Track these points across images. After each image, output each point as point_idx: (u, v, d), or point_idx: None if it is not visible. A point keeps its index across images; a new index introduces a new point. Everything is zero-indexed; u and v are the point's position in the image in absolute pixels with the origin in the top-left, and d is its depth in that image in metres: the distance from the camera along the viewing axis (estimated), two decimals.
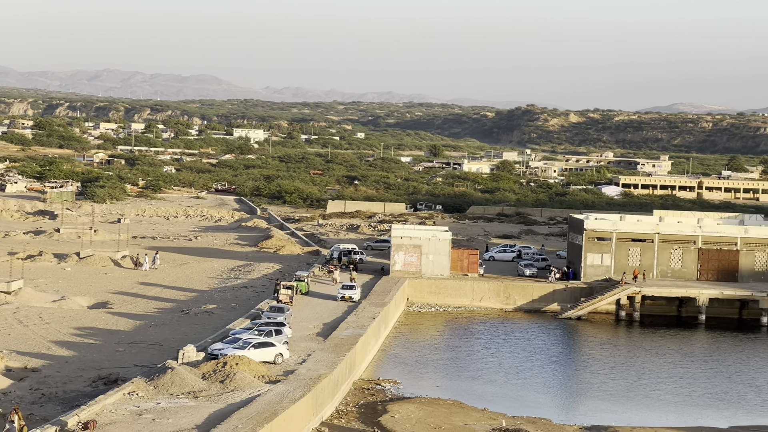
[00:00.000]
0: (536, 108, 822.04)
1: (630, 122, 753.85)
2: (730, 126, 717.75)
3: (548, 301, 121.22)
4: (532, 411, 74.85)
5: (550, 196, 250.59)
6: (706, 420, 75.51)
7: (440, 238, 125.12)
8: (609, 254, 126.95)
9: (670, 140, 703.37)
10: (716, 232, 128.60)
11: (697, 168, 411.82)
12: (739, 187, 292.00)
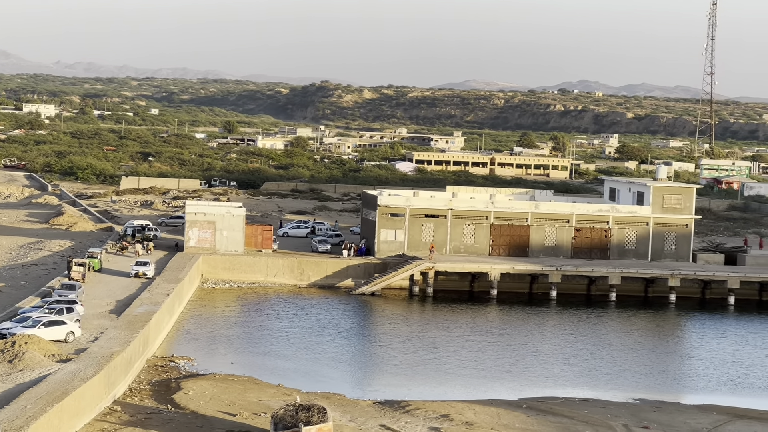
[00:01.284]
0: (330, 84, 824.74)
1: (423, 99, 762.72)
2: (521, 103, 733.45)
3: (342, 277, 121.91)
4: (327, 386, 75.24)
5: (344, 172, 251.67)
6: (497, 392, 77.03)
7: (234, 214, 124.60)
8: (402, 230, 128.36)
9: (463, 117, 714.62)
10: (508, 208, 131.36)
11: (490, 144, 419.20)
12: (530, 163, 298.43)
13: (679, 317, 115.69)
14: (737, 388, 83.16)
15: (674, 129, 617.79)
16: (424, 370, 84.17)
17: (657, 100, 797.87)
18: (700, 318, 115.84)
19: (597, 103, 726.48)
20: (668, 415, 69.26)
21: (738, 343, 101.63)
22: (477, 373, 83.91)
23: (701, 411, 71.62)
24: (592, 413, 68.62)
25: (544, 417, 66.75)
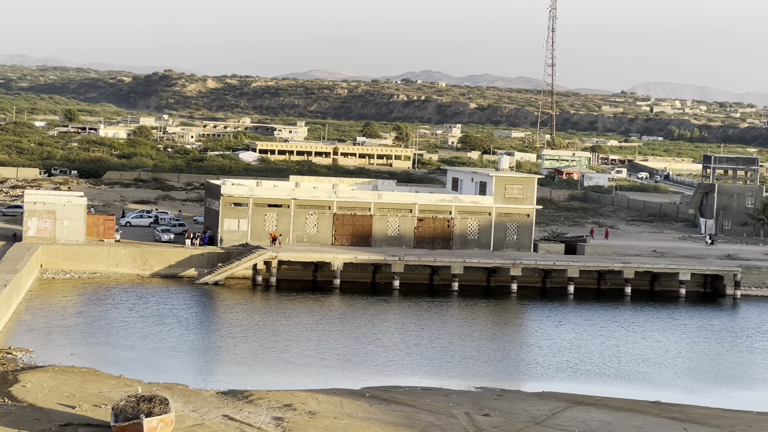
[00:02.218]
0: (174, 73, 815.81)
1: (267, 88, 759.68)
2: (364, 93, 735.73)
3: (186, 267, 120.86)
4: (169, 377, 74.49)
5: (187, 161, 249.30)
6: (341, 382, 77.18)
7: (75, 203, 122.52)
8: (246, 219, 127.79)
9: (307, 106, 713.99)
10: (351, 198, 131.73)
11: (333, 134, 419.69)
12: (373, 153, 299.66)
13: (520, 306, 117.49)
14: (575, 375, 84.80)
15: (516, 119, 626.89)
16: (267, 360, 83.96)
17: (499, 90, 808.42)
18: (541, 306, 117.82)
19: (440, 93, 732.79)
20: (509, 403, 70.27)
21: (576, 331, 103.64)
22: (320, 363, 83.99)
23: (541, 398, 72.82)
24: (435, 401, 69.23)
25: (387, 406, 67.13)
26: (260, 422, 60.60)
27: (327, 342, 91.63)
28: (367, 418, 63.66)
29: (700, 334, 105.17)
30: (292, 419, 61.70)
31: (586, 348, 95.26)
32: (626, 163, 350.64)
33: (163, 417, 55.13)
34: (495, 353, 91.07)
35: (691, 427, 64.74)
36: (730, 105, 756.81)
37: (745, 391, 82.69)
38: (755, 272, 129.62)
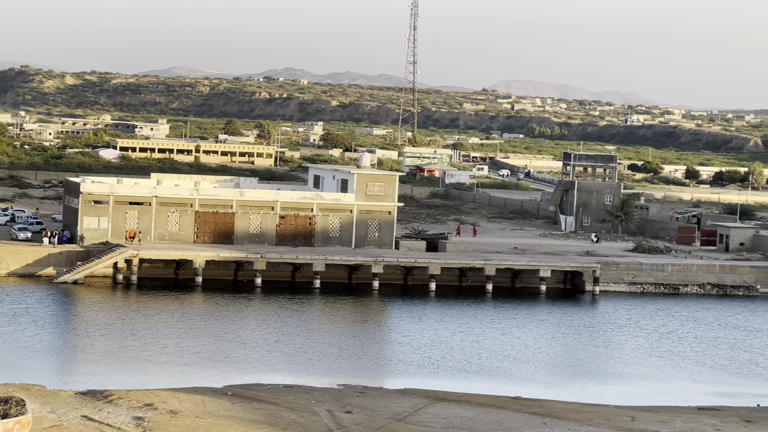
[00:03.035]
0: (31, 69, 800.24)
1: (128, 85, 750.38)
2: (226, 90, 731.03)
3: (43, 265, 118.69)
4: (25, 377, 72.94)
5: (45, 159, 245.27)
6: (202, 380, 76.53)
7: None
8: (106, 217, 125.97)
9: (168, 104, 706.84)
10: (213, 195, 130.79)
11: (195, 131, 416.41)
12: (235, 150, 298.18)
13: (381, 303, 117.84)
14: (437, 372, 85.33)
15: (378, 117, 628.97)
16: (126, 359, 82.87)
17: (361, 88, 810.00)
18: (402, 303, 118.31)
19: (302, 90, 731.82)
20: (371, 400, 70.37)
21: (437, 327, 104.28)
22: (180, 361, 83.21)
23: (403, 395, 73.06)
24: (297, 399, 69.02)
25: (249, 404, 66.72)
26: (120, 422, 59.73)
27: (187, 340, 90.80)
28: (229, 416, 63.18)
29: (560, 330, 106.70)
30: (152, 419, 60.93)
31: (447, 345, 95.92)
32: (487, 160, 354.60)
33: (19, 419, 53.96)
34: (357, 350, 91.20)
35: (551, 422, 65.56)
36: (589, 103, 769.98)
37: (603, 385, 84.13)
38: (614, 268, 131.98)
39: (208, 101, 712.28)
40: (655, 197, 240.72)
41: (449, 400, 71.34)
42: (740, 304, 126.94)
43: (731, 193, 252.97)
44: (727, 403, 78.03)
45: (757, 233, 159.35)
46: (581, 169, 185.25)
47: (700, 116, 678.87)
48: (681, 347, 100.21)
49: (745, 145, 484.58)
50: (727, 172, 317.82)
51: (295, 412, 65.05)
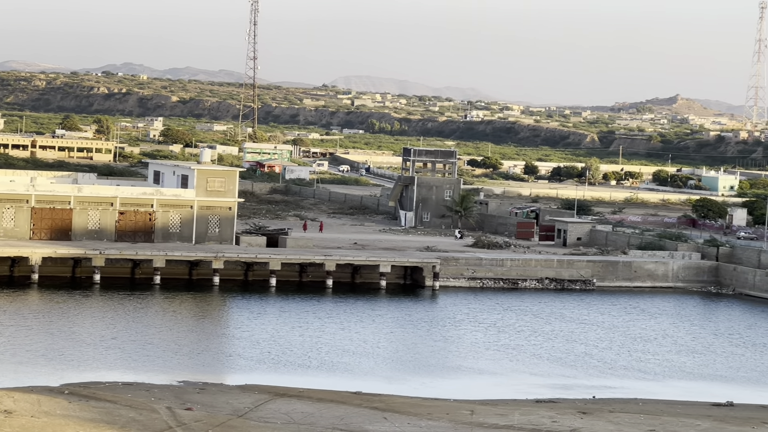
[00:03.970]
0: None
1: None
2: (63, 85, 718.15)
3: None
4: None
5: None
6: (38, 379, 75.08)
7: None
8: None
9: (3, 98, 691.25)
10: (50, 191, 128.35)
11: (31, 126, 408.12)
12: (73, 146, 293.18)
13: (222, 299, 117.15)
14: (277, 367, 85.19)
15: (218, 113, 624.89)
16: None
17: (201, 83, 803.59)
18: (243, 299, 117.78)
19: (141, 86, 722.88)
20: (211, 396, 69.92)
21: (277, 323, 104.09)
22: (12, 359, 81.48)
23: (243, 391, 72.77)
24: (136, 397, 68.20)
25: (87, 402, 65.68)
26: None
27: (20, 338, 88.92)
28: (65, 415, 62.10)
29: (399, 325, 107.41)
30: None
31: (287, 340, 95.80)
32: (328, 156, 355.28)
33: None
34: (197, 347, 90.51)
35: (392, 416, 65.96)
36: (429, 99, 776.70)
37: (442, 380, 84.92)
38: (453, 263, 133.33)
39: (44, 96, 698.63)
40: (494, 192, 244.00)
41: (290, 396, 71.27)
42: (577, 297, 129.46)
43: (569, 189, 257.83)
44: (564, 395, 79.50)
45: (594, 228, 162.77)
46: (421, 164, 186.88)
47: (538, 112, 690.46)
48: (518, 341, 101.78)
49: (582, 140, 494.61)
50: (565, 168, 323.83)
51: (134, 410, 64.27)
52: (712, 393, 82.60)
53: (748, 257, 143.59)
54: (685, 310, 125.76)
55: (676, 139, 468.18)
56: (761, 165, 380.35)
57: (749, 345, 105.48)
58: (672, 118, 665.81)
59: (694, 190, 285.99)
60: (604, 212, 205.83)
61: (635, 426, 65.78)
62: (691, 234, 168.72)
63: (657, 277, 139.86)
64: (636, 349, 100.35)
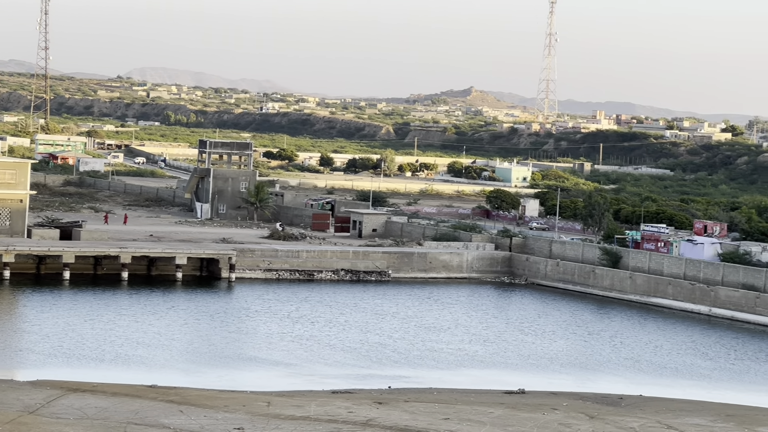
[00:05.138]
0: None
1: None
2: None
3: None
4: None
5: None
6: None
7: None
8: None
9: None
10: None
11: None
12: None
13: (12, 293, 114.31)
14: (69, 362, 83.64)
15: (9, 104, 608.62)
16: None
17: None
18: (34, 293, 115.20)
19: None
20: (1, 393, 68.19)
21: (70, 316, 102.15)
22: None
23: (35, 386, 71.19)
24: None
25: None
26: None
27: None
28: None
29: (195, 317, 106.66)
30: None
31: (80, 333, 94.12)
32: (123, 148, 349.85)
33: None
34: None
35: (188, 409, 65.46)
36: (225, 91, 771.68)
37: (238, 371, 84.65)
38: (249, 255, 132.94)
39: None
40: (290, 184, 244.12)
41: (84, 391, 70.05)
42: (372, 288, 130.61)
43: (364, 180, 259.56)
44: (360, 385, 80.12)
45: (389, 219, 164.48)
46: (217, 156, 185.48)
47: (334, 104, 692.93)
48: (313, 331, 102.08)
49: (378, 132, 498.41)
50: (361, 160, 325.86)
51: None
52: (504, 381, 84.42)
53: (540, 247, 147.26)
54: (479, 300, 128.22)
55: (470, 131, 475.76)
56: (553, 156, 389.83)
57: (539, 333, 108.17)
58: (466, 110, 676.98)
59: (488, 181, 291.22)
60: (399, 204, 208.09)
61: (430, 415, 66.73)
62: (485, 225, 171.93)
63: (452, 268, 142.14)
64: (430, 339, 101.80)
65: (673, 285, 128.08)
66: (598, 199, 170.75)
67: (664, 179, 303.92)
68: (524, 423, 65.31)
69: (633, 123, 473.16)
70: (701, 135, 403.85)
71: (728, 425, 68.56)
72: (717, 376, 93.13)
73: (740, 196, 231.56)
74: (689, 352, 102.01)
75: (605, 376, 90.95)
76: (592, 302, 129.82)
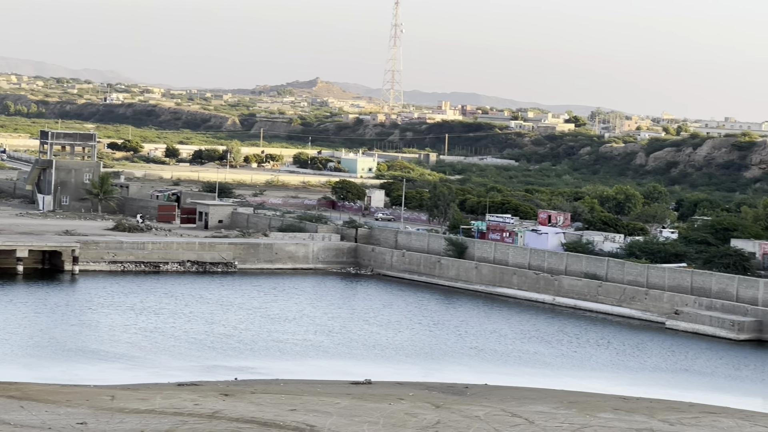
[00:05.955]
0: None
1: None
2: None
3: None
4: None
5: None
6: None
7: None
8: None
9: None
10: None
11: None
12: None
13: None
14: None
15: None
16: None
17: None
18: None
19: None
20: None
21: None
22: None
23: None
24: None
25: None
26: None
27: None
28: None
29: (36, 310, 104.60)
30: None
31: None
32: None
33: None
34: None
35: (29, 405, 64.10)
36: (67, 81, 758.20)
37: (81, 365, 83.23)
38: (93, 247, 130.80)
39: None
40: (135, 176, 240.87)
41: None
42: (219, 280, 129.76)
43: (210, 171, 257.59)
44: (206, 377, 79.48)
45: (236, 211, 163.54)
46: (59, 147, 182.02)
47: (179, 95, 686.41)
48: (158, 323, 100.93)
49: (224, 123, 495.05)
50: (206, 151, 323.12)
51: None
52: (350, 372, 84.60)
53: (386, 238, 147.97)
54: (324, 291, 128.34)
55: (316, 122, 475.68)
56: (398, 147, 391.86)
57: (385, 324, 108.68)
58: (312, 101, 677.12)
59: (333, 172, 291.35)
60: (245, 195, 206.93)
61: (277, 406, 66.52)
62: (331, 216, 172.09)
63: (298, 259, 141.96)
64: (276, 330, 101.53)
65: (518, 275, 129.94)
66: (444, 190, 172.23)
67: (509, 169, 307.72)
68: (371, 413, 65.52)
69: (478, 114, 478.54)
70: (545, 126, 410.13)
71: (571, 411, 69.77)
72: (559, 363, 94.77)
73: (583, 186, 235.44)
74: (533, 341, 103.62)
75: (451, 365, 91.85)
76: (438, 292, 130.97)
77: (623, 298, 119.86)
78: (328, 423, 61.84)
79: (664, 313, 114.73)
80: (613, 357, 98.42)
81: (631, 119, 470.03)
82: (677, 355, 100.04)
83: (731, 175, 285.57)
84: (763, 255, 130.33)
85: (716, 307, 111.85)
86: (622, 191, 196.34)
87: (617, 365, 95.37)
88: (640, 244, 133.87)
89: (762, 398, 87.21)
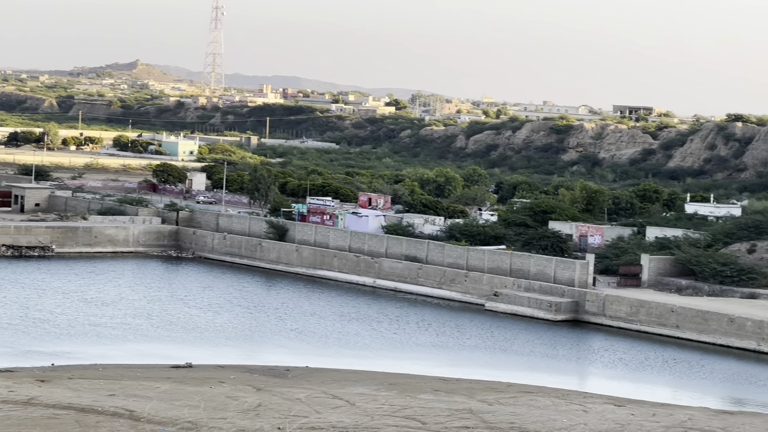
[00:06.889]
0: None
1: None
2: None
3: None
4: None
5: None
6: None
7: None
8: None
9: None
10: None
11: None
12: None
13: None
14: None
15: None
16: None
17: None
18: None
19: None
20: None
21: None
22: None
23: None
24: None
25: None
26: None
27: None
28: None
29: None
30: None
31: None
32: None
33: None
34: None
35: None
36: None
37: None
38: None
39: None
40: None
41: None
42: (35, 264, 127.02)
43: (26, 154, 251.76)
44: (21, 363, 77.67)
45: (53, 194, 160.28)
46: None
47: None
48: None
49: (41, 105, 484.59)
50: (23, 133, 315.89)
51: None
52: (171, 355, 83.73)
53: (207, 221, 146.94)
54: (144, 274, 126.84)
55: (136, 104, 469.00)
56: (220, 130, 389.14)
57: (205, 307, 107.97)
58: (132, 84, 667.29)
59: (154, 155, 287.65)
60: (63, 178, 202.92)
61: (95, 391, 65.40)
62: (152, 199, 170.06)
63: (118, 242, 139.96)
64: (93, 314, 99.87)
65: (339, 257, 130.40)
66: (264, 173, 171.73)
67: (330, 152, 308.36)
68: (191, 397, 64.94)
69: (299, 97, 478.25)
70: (366, 109, 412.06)
71: (391, 393, 70.31)
72: (380, 345, 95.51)
73: (404, 169, 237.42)
74: (354, 323, 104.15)
75: (272, 348, 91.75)
76: (259, 275, 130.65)
77: (443, 280, 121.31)
78: (148, 407, 61.05)
79: (484, 295, 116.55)
80: (433, 339, 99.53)
81: (452, 102, 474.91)
82: (496, 337, 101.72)
83: (549, 158, 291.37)
84: (579, 237, 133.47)
85: (534, 289, 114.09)
86: (443, 174, 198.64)
87: (437, 347, 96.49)
88: (460, 227, 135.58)
89: (577, 377, 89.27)
